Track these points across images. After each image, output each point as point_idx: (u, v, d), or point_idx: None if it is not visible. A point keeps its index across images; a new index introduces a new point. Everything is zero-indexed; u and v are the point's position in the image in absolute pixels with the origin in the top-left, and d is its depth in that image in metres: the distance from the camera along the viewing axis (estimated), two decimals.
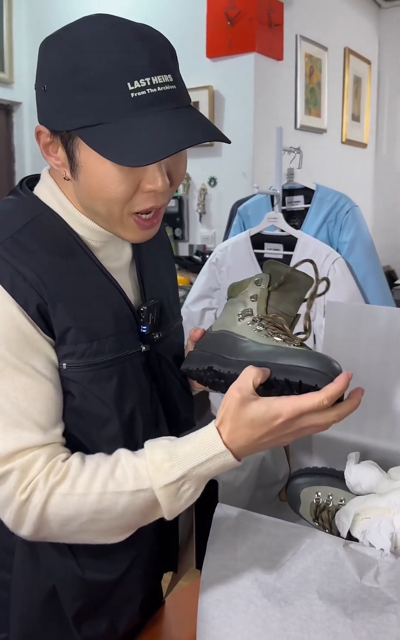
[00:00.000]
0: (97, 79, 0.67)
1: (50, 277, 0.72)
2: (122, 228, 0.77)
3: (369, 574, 0.69)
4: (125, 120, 0.68)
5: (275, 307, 0.80)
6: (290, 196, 2.13)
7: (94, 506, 0.70)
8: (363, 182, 4.94)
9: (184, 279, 3.28)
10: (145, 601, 0.90)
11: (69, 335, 0.74)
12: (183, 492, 0.71)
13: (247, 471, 0.98)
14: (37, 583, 0.82)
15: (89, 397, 0.76)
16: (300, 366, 0.69)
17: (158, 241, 0.93)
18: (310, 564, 0.72)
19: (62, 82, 0.69)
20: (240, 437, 0.69)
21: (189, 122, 0.70)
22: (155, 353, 0.86)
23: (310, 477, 0.96)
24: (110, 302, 0.79)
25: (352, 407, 0.70)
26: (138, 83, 0.67)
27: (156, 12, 3.46)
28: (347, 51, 4.40)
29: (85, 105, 0.68)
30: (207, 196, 3.57)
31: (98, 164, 0.71)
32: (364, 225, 2.06)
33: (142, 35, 0.69)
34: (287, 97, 3.72)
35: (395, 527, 0.74)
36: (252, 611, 0.75)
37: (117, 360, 0.78)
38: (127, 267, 0.86)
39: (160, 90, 0.69)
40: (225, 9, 3.25)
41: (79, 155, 0.72)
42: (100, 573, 0.82)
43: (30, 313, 0.71)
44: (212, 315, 2.24)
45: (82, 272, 0.77)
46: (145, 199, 0.74)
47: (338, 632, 0.70)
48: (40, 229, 0.76)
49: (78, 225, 0.79)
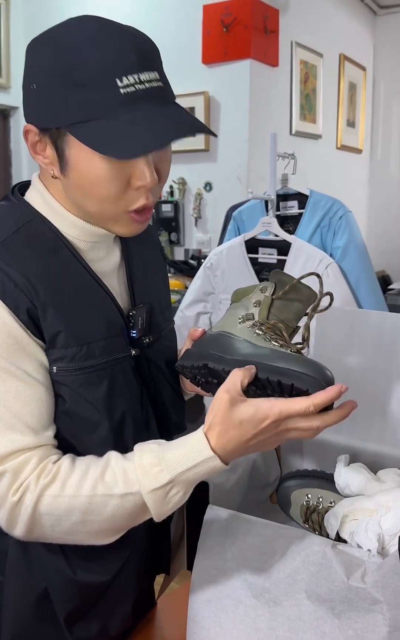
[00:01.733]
0: (87, 76, 0.69)
1: (40, 282, 0.74)
2: (115, 223, 0.79)
3: (357, 574, 0.70)
4: (115, 115, 0.70)
5: (277, 315, 0.81)
6: (284, 201, 2.15)
7: (84, 508, 0.71)
8: (358, 188, 4.97)
9: (180, 283, 3.29)
10: (137, 603, 0.91)
11: (59, 340, 0.75)
12: (171, 497, 0.72)
13: (239, 473, 0.99)
14: (29, 584, 0.82)
15: (79, 401, 0.77)
16: (293, 370, 0.71)
17: (148, 244, 0.94)
18: (298, 565, 0.73)
19: (52, 80, 0.71)
20: (228, 440, 0.70)
21: (177, 117, 0.73)
22: (145, 357, 0.86)
23: (300, 479, 0.97)
24: (100, 306, 0.80)
25: (339, 417, 0.71)
26: (127, 79, 0.69)
27: (152, 19, 3.48)
28: (342, 57, 4.43)
29: (76, 101, 0.70)
30: (202, 201, 3.59)
31: (88, 160, 0.72)
32: (357, 230, 2.08)
33: (129, 34, 0.72)
34: (282, 103, 3.74)
35: (382, 528, 0.75)
36: (242, 611, 0.76)
37: (107, 364, 0.79)
38: (116, 270, 0.87)
39: (148, 86, 0.71)
40: (221, 16, 3.28)
41: (69, 152, 0.73)
42: (92, 575, 0.82)
43: (21, 318, 0.73)
44: (206, 319, 2.25)
45: (73, 277, 0.78)
46: (136, 197, 0.76)
47: (326, 632, 0.71)
48: (31, 235, 0.77)
49: (69, 226, 0.80)
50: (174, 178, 3.65)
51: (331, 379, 0.71)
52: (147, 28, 0.78)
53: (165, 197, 3.70)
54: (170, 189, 3.68)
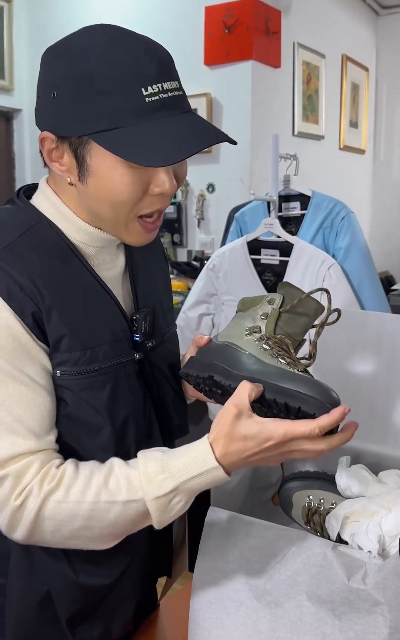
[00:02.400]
0: (112, 85, 0.70)
1: (45, 286, 0.74)
2: (126, 231, 0.79)
3: (357, 576, 0.70)
4: (139, 123, 0.70)
5: (283, 329, 0.81)
6: (286, 202, 2.15)
7: (87, 514, 0.72)
8: (361, 188, 4.96)
9: (182, 284, 3.29)
10: (139, 605, 0.91)
11: (63, 344, 0.75)
12: (174, 505, 0.72)
13: (240, 475, 0.99)
14: (31, 587, 0.83)
15: (81, 405, 0.77)
16: (300, 392, 0.71)
17: (151, 247, 0.94)
18: (299, 567, 0.73)
19: (75, 89, 0.71)
20: (232, 453, 0.71)
21: (199, 125, 0.74)
22: (149, 361, 0.87)
23: (302, 480, 0.97)
24: (104, 310, 0.80)
25: (343, 440, 0.72)
26: (151, 89, 0.70)
27: (155, 21, 3.49)
28: (345, 58, 4.43)
29: (101, 110, 0.70)
30: (205, 202, 3.59)
31: (111, 167, 0.73)
32: (360, 231, 2.08)
33: (147, 44, 0.73)
34: (284, 104, 3.74)
35: (382, 530, 0.76)
36: (243, 613, 0.76)
37: (110, 368, 0.79)
38: (121, 275, 0.87)
39: (170, 95, 0.72)
40: (223, 17, 3.28)
41: (90, 159, 0.74)
42: (94, 578, 0.83)
43: (27, 322, 0.73)
44: (209, 320, 2.25)
45: (78, 281, 0.78)
46: (152, 201, 0.76)
47: (326, 633, 0.71)
48: (37, 238, 0.77)
49: (77, 232, 0.80)
50: None
51: (337, 401, 0.71)
52: (149, 30, 0.78)
53: None
54: None
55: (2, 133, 4.05)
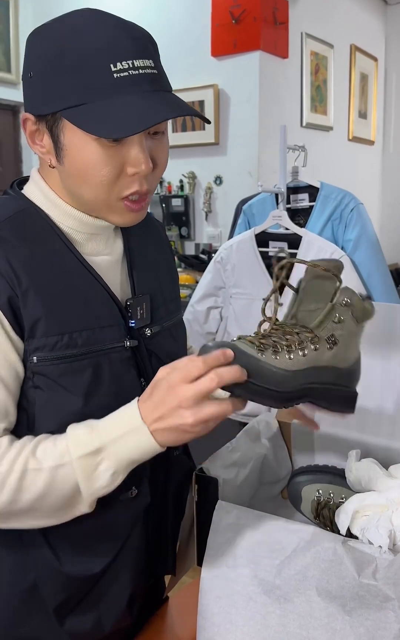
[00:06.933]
0: (81, 61, 0.70)
1: (24, 270, 0.74)
2: (110, 212, 0.79)
3: (368, 571, 0.69)
4: (108, 99, 0.70)
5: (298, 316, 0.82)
6: (294, 194, 2.13)
7: (15, 484, 0.71)
8: (370, 179, 4.92)
9: (190, 277, 3.29)
10: (135, 599, 0.88)
11: (39, 327, 0.74)
12: (101, 472, 0.71)
13: (249, 469, 0.98)
14: (17, 575, 0.82)
15: (59, 392, 0.76)
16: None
17: (155, 239, 0.93)
18: (309, 561, 0.73)
19: (47, 67, 0.72)
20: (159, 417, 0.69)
21: (168, 101, 0.73)
22: (146, 348, 0.85)
23: (311, 474, 0.96)
24: (89, 296, 0.79)
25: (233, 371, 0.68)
26: (120, 65, 0.70)
27: (162, 12, 3.47)
28: (354, 48, 4.39)
29: (70, 86, 0.71)
30: (212, 195, 3.58)
31: (82, 144, 0.73)
32: (369, 223, 2.06)
33: (123, 24, 0.73)
34: (292, 95, 3.71)
35: (393, 524, 0.75)
36: (252, 608, 0.76)
37: (91, 354, 0.77)
38: (119, 262, 0.87)
39: (142, 72, 0.71)
40: (230, 8, 3.25)
41: (64, 138, 0.74)
42: (80, 566, 0.81)
43: (1, 306, 0.73)
44: (217, 313, 2.24)
45: (60, 265, 0.78)
46: (130, 182, 0.76)
47: (336, 629, 0.70)
48: (21, 224, 0.77)
49: (65, 217, 0.80)
50: (184, 172, 3.64)
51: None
52: (156, 21, 0.78)
53: (175, 192, 3.69)
54: (180, 183, 3.68)
55: (8, 127, 4.05)
